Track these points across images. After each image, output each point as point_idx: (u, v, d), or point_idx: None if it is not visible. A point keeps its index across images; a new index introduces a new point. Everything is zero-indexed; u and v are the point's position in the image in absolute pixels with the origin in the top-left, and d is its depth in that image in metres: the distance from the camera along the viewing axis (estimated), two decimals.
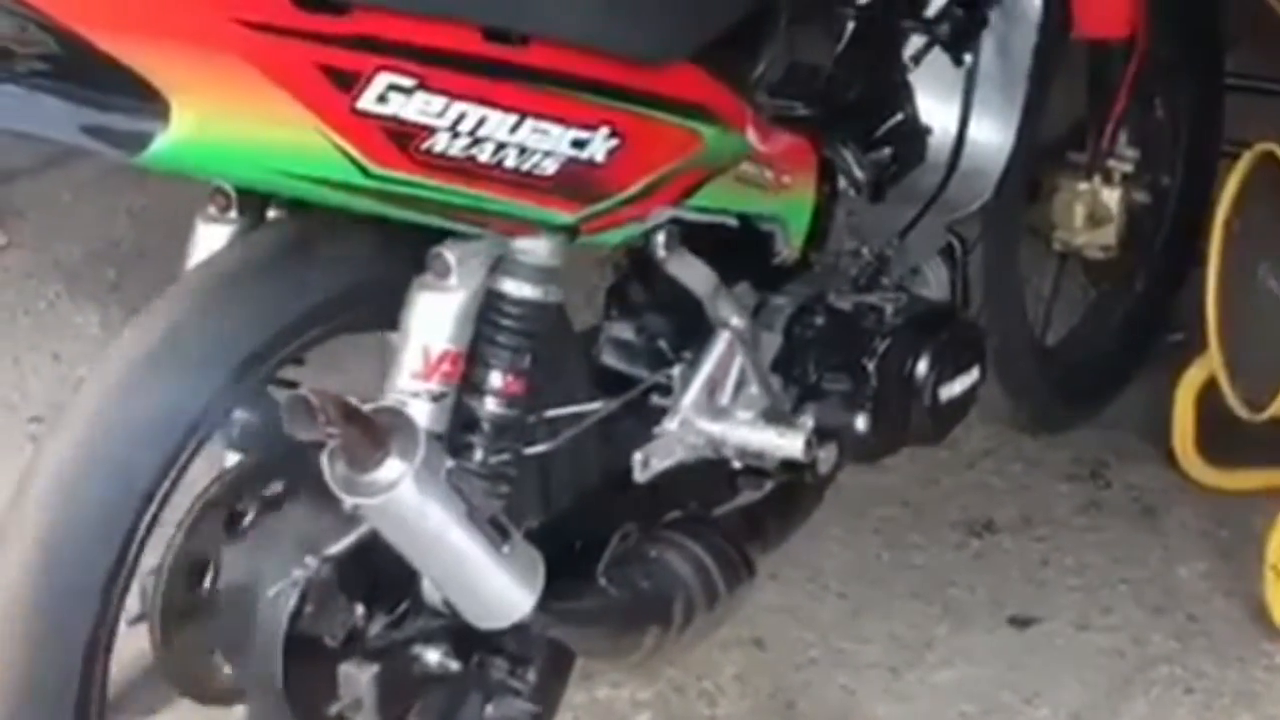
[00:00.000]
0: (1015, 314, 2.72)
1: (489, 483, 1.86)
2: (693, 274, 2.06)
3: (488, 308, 1.86)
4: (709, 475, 2.15)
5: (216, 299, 1.78)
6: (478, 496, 1.77)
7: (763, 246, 2.17)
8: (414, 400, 1.81)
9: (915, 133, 2.33)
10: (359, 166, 1.66)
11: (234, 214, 1.84)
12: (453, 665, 1.90)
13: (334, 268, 1.83)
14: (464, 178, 1.74)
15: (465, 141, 1.72)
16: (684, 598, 2.02)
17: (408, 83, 1.67)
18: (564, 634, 1.95)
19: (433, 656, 1.89)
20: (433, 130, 1.69)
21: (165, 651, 1.82)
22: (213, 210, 1.84)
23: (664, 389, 2.10)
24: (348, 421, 1.64)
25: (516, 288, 1.86)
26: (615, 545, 1.99)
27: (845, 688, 2.45)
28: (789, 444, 2.11)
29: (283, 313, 1.80)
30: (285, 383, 1.87)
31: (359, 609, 1.85)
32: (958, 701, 2.42)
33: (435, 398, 1.82)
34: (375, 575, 1.85)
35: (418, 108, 1.68)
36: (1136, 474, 2.83)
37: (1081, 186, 2.66)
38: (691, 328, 2.11)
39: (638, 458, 2.04)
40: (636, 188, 1.89)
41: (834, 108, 2.27)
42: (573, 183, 1.82)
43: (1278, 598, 2.49)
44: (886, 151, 2.29)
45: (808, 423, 2.14)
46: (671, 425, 2.08)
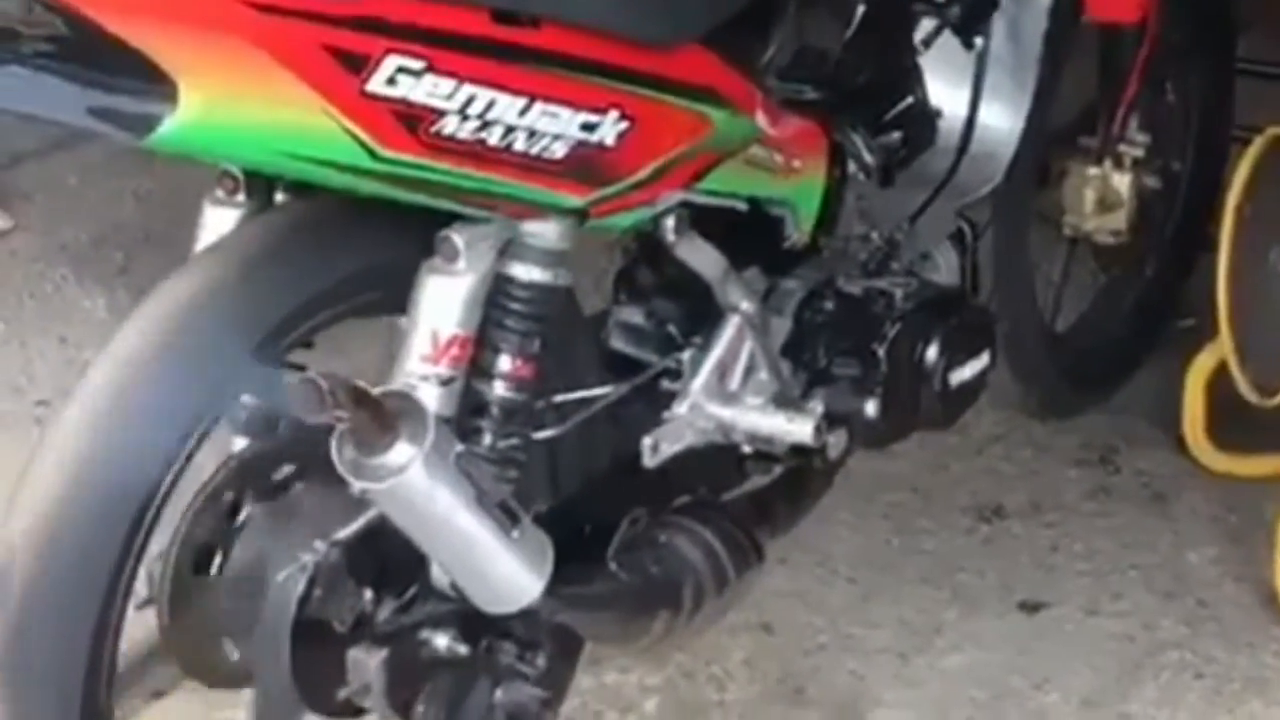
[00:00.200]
0: (1025, 299, 2.71)
1: (498, 467, 1.85)
2: (702, 258, 2.05)
3: (496, 291, 1.85)
4: (718, 460, 2.14)
5: (224, 282, 1.77)
6: (487, 481, 1.76)
7: (772, 231, 2.16)
8: (423, 384, 1.80)
9: (925, 117, 2.32)
10: (367, 149, 1.65)
11: (241, 197, 1.83)
12: (461, 650, 1.89)
13: (342, 251, 1.83)
14: (473, 161, 1.73)
15: (474, 124, 1.71)
16: (693, 583, 2.02)
17: (416, 65, 1.66)
18: (573, 619, 1.94)
19: (441, 641, 1.88)
20: (441, 113, 1.69)
21: (172, 635, 1.81)
22: (220, 193, 1.84)
23: (673, 374, 2.09)
24: (357, 405, 1.63)
25: (525, 271, 1.86)
26: (624, 530, 1.98)
27: (854, 673, 2.44)
28: (799, 429, 2.10)
29: (290, 296, 1.79)
30: (293, 366, 1.86)
31: (367, 594, 1.84)
32: (967, 687, 2.42)
33: (444, 382, 1.82)
34: (384, 560, 1.84)
35: (426, 90, 1.67)
36: (1146, 459, 2.82)
37: (1092, 171, 2.65)
38: (701, 312, 2.11)
39: (647, 442, 2.04)
40: (646, 171, 1.89)
41: (844, 91, 2.26)
42: (582, 166, 1.81)
43: None
44: (896, 135, 2.28)
45: (817, 408, 2.13)
46: (681, 410, 2.07)
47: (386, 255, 1.84)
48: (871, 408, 2.18)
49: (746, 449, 2.15)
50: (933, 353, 2.24)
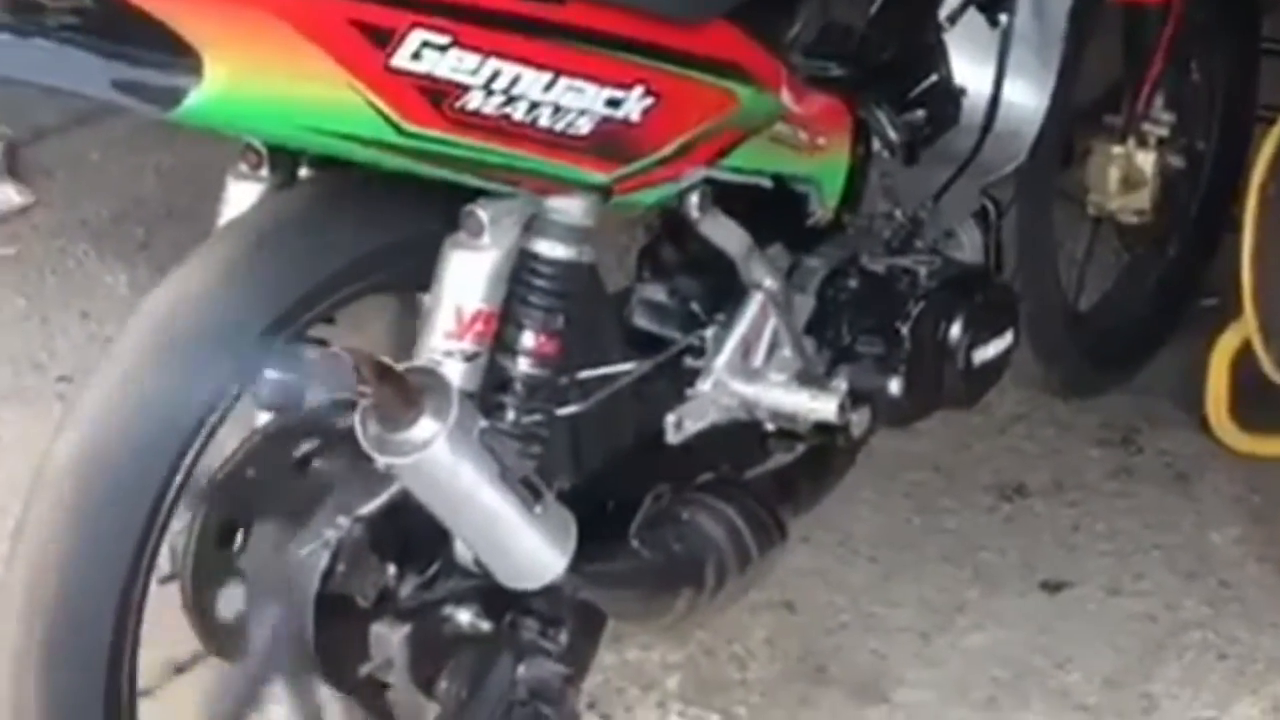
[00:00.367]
0: (1048, 278, 2.70)
1: (521, 443, 1.85)
2: (726, 235, 2.04)
3: (520, 267, 1.85)
4: (741, 438, 2.14)
5: (247, 257, 1.77)
6: (510, 457, 1.76)
7: (796, 208, 2.16)
8: (447, 360, 1.80)
9: (950, 94, 2.31)
10: (392, 124, 1.65)
11: (265, 171, 1.83)
12: (484, 626, 1.89)
13: (366, 226, 1.82)
14: (498, 136, 1.72)
15: (499, 100, 1.71)
16: (716, 560, 2.02)
17: (442, 40, 1.65)
18: (596, 595, 1.94)
19: (464, 617, 1.89)
20: (466, 88, 1.68)
21: (195, 610, 1.82)
22: (244, 168, 1.83)
23: (696, 351, 2.09)
24: (381, 380, 1.63)
25: (550, 248, 1.85)
26: (648, 507, 1.98)
27: (876, 652, 2.44)
28: (823, 406, 2.10)
29: (314, 271, 1.79)
30: (315, 342, 1.86)
31: (391, 569, 1.84)
32: (989, 666, 2.41)
33: (468, 357, 1.81)
34: (407, 535, 1.84)
35: (451, 65, 1.67)
36: (1169, 439, 2.82)
37: (1116, 150, 2.64)
38: (724, 289, 2.10)
39: (670, 419, 2.03)
40: (671, 148, 1.88)
41: (868, 69, 2.25)
42: (607, 142, 1.81)
43: None
44: (921, 113, 2.28)
45: (841, 385, 2.13)
46: (705, 387, 2.07)
47: (410, 230, 1.84)
48: (895, 386, 2.18)
49: (769, 427, 2.15)
50: (956, 331, 2.23)
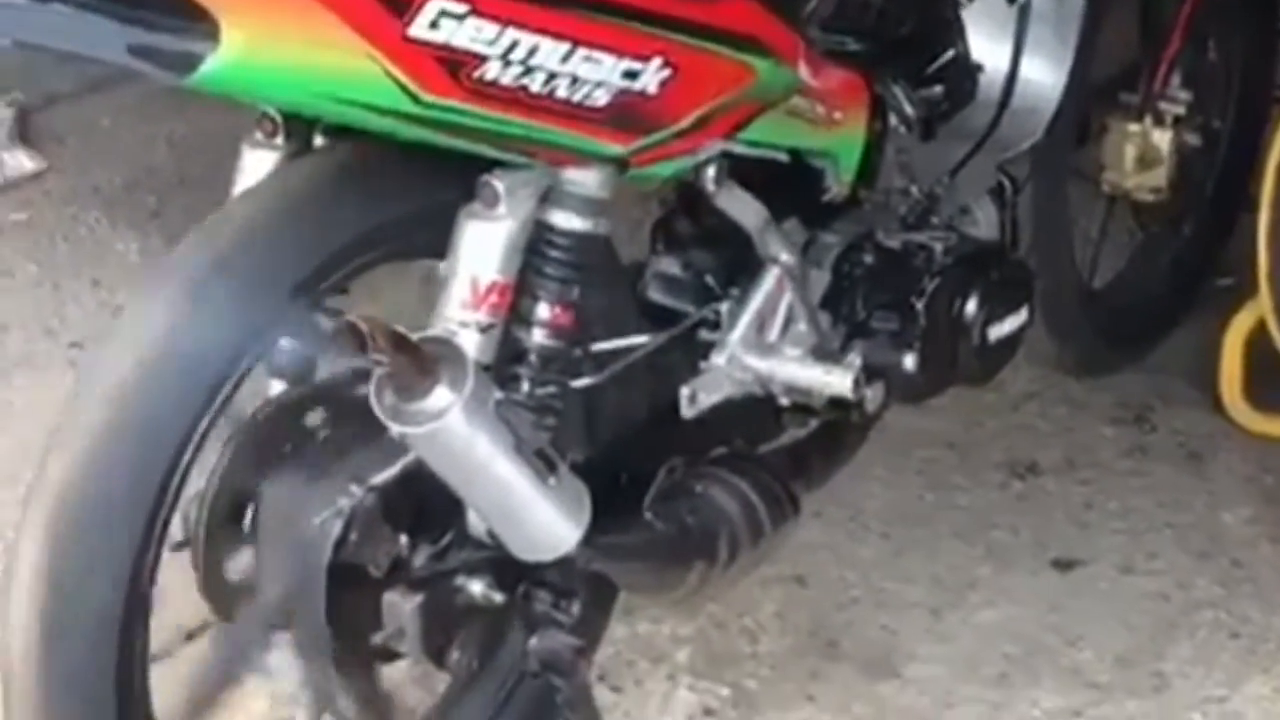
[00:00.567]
0: (1063, 256, 2.69)
1: (536, 415, 1.85)
2: (742, 209, 2.04)
3: (536, 239, 1.84)
4: (755, 412, 2.14)
5: (262, 225, 1.77)
6: (525, 428, 1.76)
7: (812, 183, 2.15)
8: (462, 330, 1.80)
9: (967, 70, 2.30)
10: (409, 93, 1.65)
11: (280, 140, 1.82)
12: (496, 597, 1.89)
13: (381, 195, 1.82)
14: (515, 107, 1.72)
15: (517, 70, 1.70)
16: (729, 534, 2.01)
17: (460, 9, 1.65)
18: (609, 568, 1.94)
19: (476, 588, 1.88)
20: (484, 58, 1.68)
21: (207, 578, 1.81)
22: (259, 136, 1.83)
23: (711, 324, 2.09)
24: (397, 349, 1.62)
25: (565, 219, 1.85)
26: (661, 480, 1.98)
27: (886, 627, 2.44)
28: (838, 381, 2.09)
29: (329, 240, 1.79)
30: (330, 310, 1.86)
31: (403, 539, 1.84)
32: (1000, 643, 2.41)
33: (483, 328, 1.81)
34: (420, 505, 1.84)
35: (469, 35, 1.66)
36: (1182, 419, 2.81)
37: (1132, 128, 2.64)
38: (740, 263, 2.10)
39: (685, 393, 2.03)
40: (688, 120, 1.87)
41: (886, 44, 2.24)
42: (624, 114, 1.80)
43: None
44: (938, 89, 2.27)
45: (856, 361, 2.12)
46: (719, 361, 2.06)
47: (425, 200, 1.84)
48: (910, 361, 2.17)
49: (783, 401, 2.14)
50: (971, 307, 2.22)
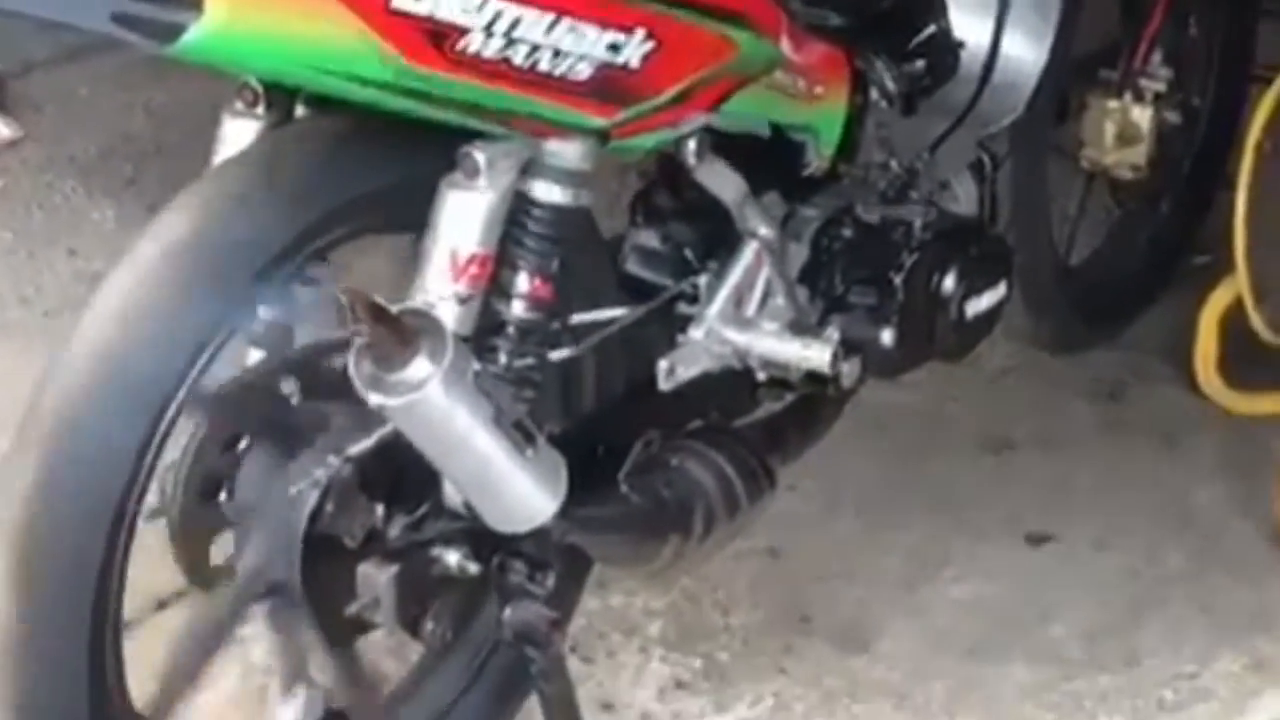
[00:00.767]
0: (1041, 231, 2.70)
1: (514, 387, 1.85)
2: (722, 182, 2.04)
3: (516, 210, 1.84)
4: (732, 385, 2.14)
5: (242, 195, 1.77)
6: (503, 400, 1.76)
7: (792, 157, 2.15)
8: (441, 302, 1.80)
9: (948, 46, 2.30)
10: (393, 64, 1.64)
11: (261, 110, 1.82)
12: (471, 568, 1.89)
13: (362, 166, 1.82)
14: (498, 78, 1.72)
15: (500, 42, 1.70)
16: (705, 507, 2.01)
17: None
18: (584, 540, 1.94)
19: (452, 559, 1.88)
20: (468, 29, 1.67)
21: (182, 547, 1.81)
22: (240, 105, 1.82)
23: (690, 298, 2.09)
24: (376, 320, 1.62)
25: (546, 191, 1.85)
26: (638, 453, 1.98)
27: (860, 601, 2.44)
28: (816, 355, 2.09)
29: (308, 211, 1.79)
30: (308, 281, 1.85)
31: (379, 509, 1.84)
32: (972, 617, 2.42)
33: (462, 300, 1.81)
34: (396, 476, 1.84)
35: (454, 6, 1.66)
36: (1157, 396, 2.82)
37: (1112, 104, 2.64)
38: (719, 237, 2.10)
39: (663, 366, 2.03)
40: (670, 93, 1.87)
41: (867, 19, 2.24)
42: (607, 86, 1.80)
43: None
44: (919, 64, 2.26)
45: (834, 335, 2.13)
46: (697, 334, 2.06)
47: (406, 172, 1.83)
48: (887, 336, 2.17)
49: (761, 375, 2.14)
50: (949, 282, 2.23)
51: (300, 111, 1.83)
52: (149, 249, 1.74)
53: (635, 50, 1.80)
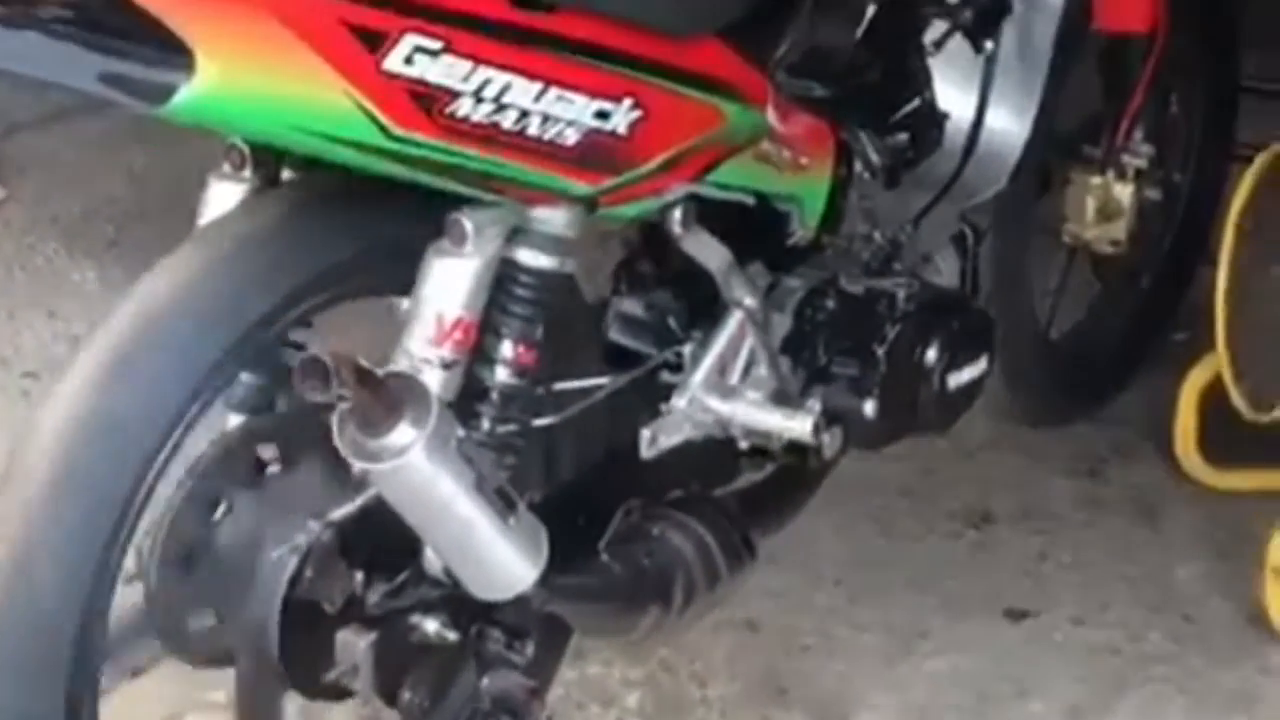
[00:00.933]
0: (1022, 305, 2.70)
1: (496, 453, 1.84)
2: (707, 251, 2.04)
3: (502, 276, 1.84)
4: (714, 454, 2.13)
5: (228, 258, 1.76)
6: (486, 467, 1.75)
7: (777, 227, 2.15)
8: (425, 367, 1.79)
9: (933, 119, 2.31)
10: (382, 128, 1.64)
11: (248, 172, 1.82)
12: (450, 636, 1.88)
13: (348, 230, 1.81)
14: (486, 144, 1.72)
15: (489, 108, 1.70)
16: (685, 578, 2.01)
17: (434, 45, 1.65)
18: (564, 609, 1.93)
19: (431, 626, 1.87)
20: (457, 95, 1.68)
21: (158, 612, 1.80)
22: (227, 168, 1.82)
23: (673, 366, 2.08)
24: (361, 385, 1.62)
25: (532, 257, 1.85)
26: (619, 521, 1.98)
27: (839, 674, 2.43)
28: (798, 426, 2.09)
29: (294, 274, 1.78)
30: (292, 345, 1.85)
31: (359, 576, 1.83)
32: (951, 692, 2.41)
33: (447, 365, 1.81)
34: (376, 542, 1.83)
35: (443, 71, 1.66)
36: (1137, 472, 2.82)
37: (1094, 180, 2.65)
38: (703, 306, 2.09)
39: (646, 434, 2.03)
40: (657, 161, 1.88)
41: (853, 91, 2.25)
42: (594, 154, 1.80)
43: (1276, 600, 2.48)
44: (904, 136, 2.27)
45: (816, 405, 2.12)
46: (680, 403, 2.06)
47: (392, 236, 1.83)
48: (870, 408, 2.17)
49: (743, 444, 2.14)
50: (932, 355, 2.22)
51: (287, 174, 1.83)
52: (131, 311, 1.73)
53: (623, 118, 1.81)
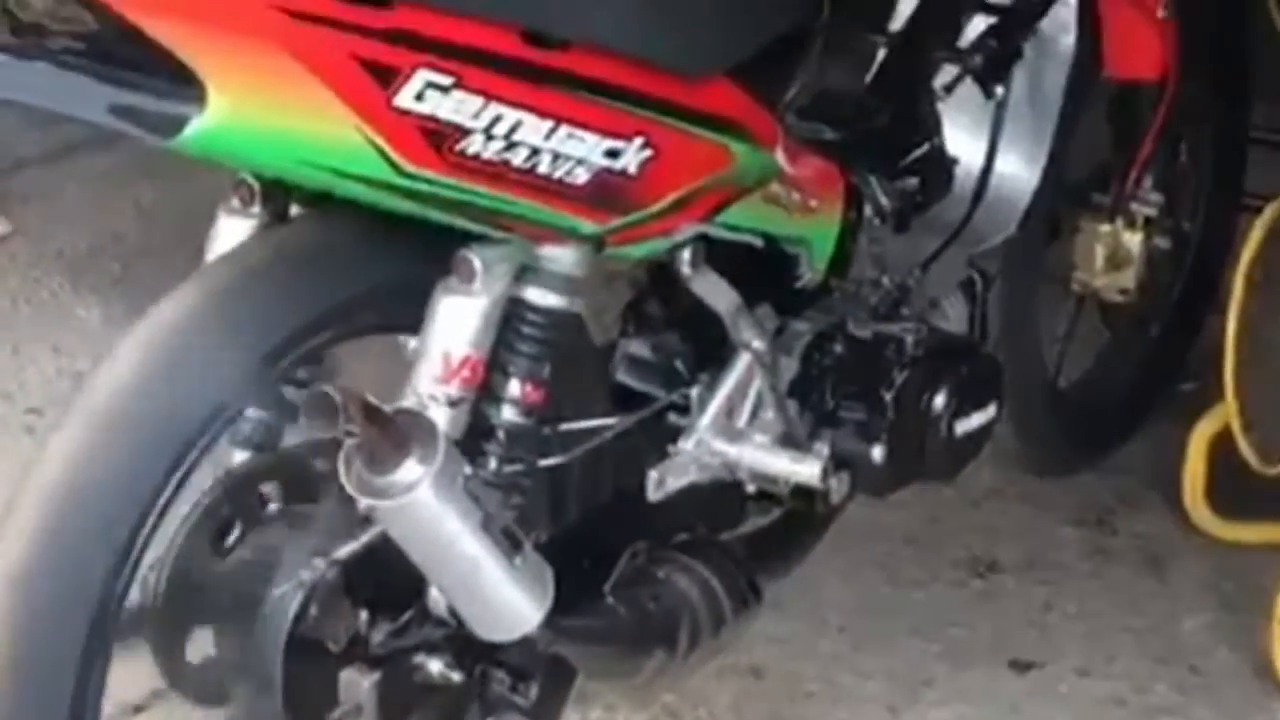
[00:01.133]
0: (1030, 353, 2.69)
1: (502, 492, 1.84)
2: (716, 293, 2.03)
3: (510, 314, 1.84)
4: (720, 498, 2.12)
5: (233, 293, 1.76)
6: (493, 505, 1.74)
7: (786, 270, 2.15)
8: (432, 404, 1.79)
9: (942, 163, 2.31)
10: (392, 164, 1.64)
11: (257, 208, 1.82)
12: (454, 676, 1.87)
13: (356, 267, 1.81)
14: (496, 181, 1.72)
15: (500, 145, 1.70)
16: (690, 622, 2.00)
17: (445, 81, 1.65)
18: (569, 651, 1.92)
19: (435, 666, 1.86)
20: (468, 131, 1.67)
21: (161, 648, 1.79)
22: (235, 203, 1.82)
23: (680, 408, 2.07)
24: (369, 421, 1.61)
25: (541, 296, 1.84)
26: (624, 564, 1.96)
27: None
28: (806, 470, 2.08)
29: (301, 311, 1.78)
30: (297, 382, 1.84)
31: (363, 614, 1.82)
32: None
33: (454, 403, 1.80)
34: (381, 581, 1.82)
35: (454, 107, 1.66)
36: (1143, 522, 2.80)
37: (1103, 228, 2.64)
38: (711, 348, 2.09)
39: (653, 476, 2.02)
40: (666, 201, 1.87)
41: (863, 134, 2.24)
42: (604, 193, 1.80)
43: None
44: (913, 181, 2.27)
45: (824, 450, 2.11)
46: (687, 445, 2.05)
47: (400, 273, 1.83)
48: (877, 453, 2.16)
49: (750, 488, 2.13)
50: (940, 401, 2.21)
51: (295, 210, 1.82)
52: (137, 345, 1.72)
53: (633, 157, 1.80)
